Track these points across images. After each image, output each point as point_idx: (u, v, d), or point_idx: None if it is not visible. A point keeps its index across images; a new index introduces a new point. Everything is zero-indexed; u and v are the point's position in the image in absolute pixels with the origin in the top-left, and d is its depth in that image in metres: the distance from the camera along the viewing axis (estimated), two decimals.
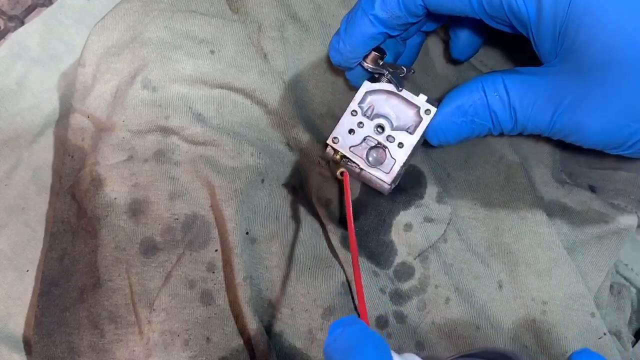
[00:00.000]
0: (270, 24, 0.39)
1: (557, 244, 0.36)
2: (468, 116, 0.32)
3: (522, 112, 0.31)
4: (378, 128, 0.33)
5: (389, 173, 0.33)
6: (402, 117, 0.33)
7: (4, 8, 0.46)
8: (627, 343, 0.37)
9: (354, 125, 0.33)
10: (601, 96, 0.28)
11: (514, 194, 0.38)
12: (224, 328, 0.34)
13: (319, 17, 0.39)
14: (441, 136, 0.33)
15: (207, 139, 0.36)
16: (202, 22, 0.38)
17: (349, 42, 0.32)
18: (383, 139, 0.33)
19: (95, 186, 0.36)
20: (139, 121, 0.36)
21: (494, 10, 0.29)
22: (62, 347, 0.34)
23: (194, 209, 0.36)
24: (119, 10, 0.38)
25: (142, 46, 0.37)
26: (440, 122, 0.32)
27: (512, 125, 0.32)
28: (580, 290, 0.36)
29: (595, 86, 0.28)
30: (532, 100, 0.30)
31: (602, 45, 0.27)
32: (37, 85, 0.43)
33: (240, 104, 0.38)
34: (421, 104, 0.33)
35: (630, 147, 0.30)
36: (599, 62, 0.28)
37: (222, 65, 0.37)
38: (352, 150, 0.33)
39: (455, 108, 0.32)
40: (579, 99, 0.29)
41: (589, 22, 0.27)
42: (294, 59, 0.39)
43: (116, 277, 0.35)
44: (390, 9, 0.30)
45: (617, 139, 0.30)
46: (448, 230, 0.37)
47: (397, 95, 0.33)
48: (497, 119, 0.32)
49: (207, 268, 0.35)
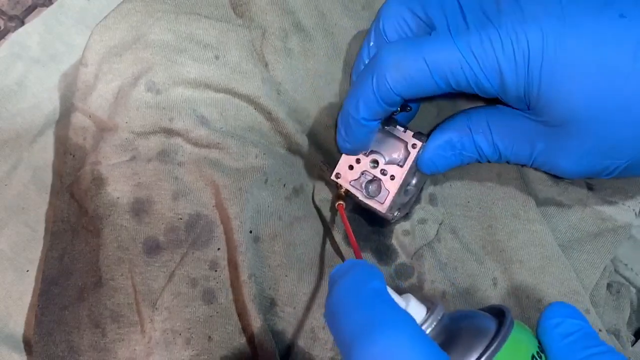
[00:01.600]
0: (274, 32, 0.39)
1: (550, 241, 0.37)
2: (456, 150, 0.35)
3: (504, 149, 0.34)
4: (373, 163, 0.36)
5: (383, 203, 0.35)
6: (393, 152, 0.36)
7: (4, 8, 0.46)
8: (626, 342, 0.37)
9: (352, 162, 0.36)
10: (570, 144, 0.31)
11: (507, 191, 0.38)
12: (226, 327, 0.34)
13: (323, 25, 0.39)
14: (432, 167, 0.36)
15: (211, 142, 0.36)
16: (207, 25, 0.38)
17: (355, 141, 0.35)
18: (377, 173, 0.36)
19: (97, 185, 0.36)
20: (143, 123, 0.36)
21: (463, 88, 0.32)
22: (62, 346, 0.35)
23: (197, 208, 0.36)
24: (121, 10, 0.38)
25: (146, 48, 0.37)
26: (431, 155, 0.35)
27: (497, 157, 0.35)
28: (574, 287, 0.36)
29: (563, 137, 0.31)
30: (511, 140, 0.33)
31: (560, 104, 0.30)
32: (37, 85, 0.43)
33: (243, 109, 0.38)
34: (408, 139, 0.35)
35: (609, 174, 0.33)
36: (563, 118, 0.30)
37: (226, 71, 0.37)
38: (352, 184, 0.36)
39: (444, 142, 0.35)
40: (552, 145, 0.32)
41: (545, 87, 0.30)
42: (299, 70, 0.39)
43: (118, 276, 0.35)
44: (373, 109, 0.33)
45: (593, 173, 0.33)
46: (441, 230, 0.38)
47: (388, 133, 0.36)
48: (483, 153, 0.35)
49: (209, 266, 0.35)
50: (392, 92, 0.32)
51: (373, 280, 0.23)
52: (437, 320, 0.25)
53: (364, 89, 0.33)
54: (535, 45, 0.29)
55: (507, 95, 0.31)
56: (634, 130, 0.29)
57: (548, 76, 0.30)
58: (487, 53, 0.30)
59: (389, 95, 0.32)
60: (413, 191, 0.38)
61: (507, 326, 0.24)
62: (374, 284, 0.23)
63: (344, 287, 0.23)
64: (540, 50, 0.29)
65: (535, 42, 0.29)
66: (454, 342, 0.24)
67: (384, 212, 0.35)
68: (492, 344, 0.23)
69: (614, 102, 0.29)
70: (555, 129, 0.31)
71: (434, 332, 0.25)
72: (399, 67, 0.31)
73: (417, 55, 0.31)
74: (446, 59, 0.31)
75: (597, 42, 0.29)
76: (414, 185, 0.37)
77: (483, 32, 0.30)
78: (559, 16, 0.29)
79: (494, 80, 0.31)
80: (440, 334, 0.25)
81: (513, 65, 0.30)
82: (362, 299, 0.22)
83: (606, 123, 0.30)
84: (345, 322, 0.22)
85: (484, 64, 0.30)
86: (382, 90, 0.32)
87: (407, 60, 0.31)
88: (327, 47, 0.39)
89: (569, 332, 0.25)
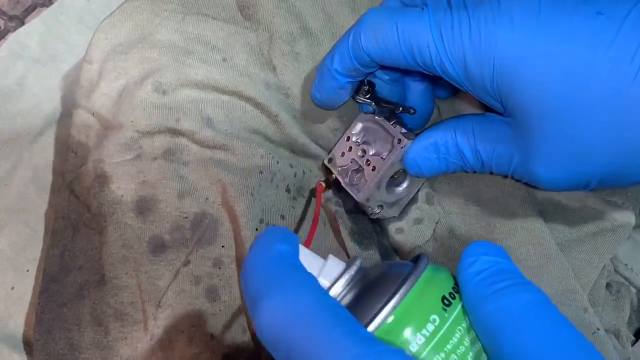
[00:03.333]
0: (282, 36, 0.39)
1: (548, 240, 0.37)
2: (441, 154, 0.34)
3: (485, 156, 0.33)
4: (362, 152, 0.36)
5: (359, 192, 0.36)
6: (381, 144, 0.36)
7: (4, 8, 0.46)
8: (626, 342, 0.38)
9: (345, 149, 0.37)
10: (544, 148, 0.30)
11: (504, 189, 0.38)
12: (229, 324, 0.34)
13: (330, 28, 0.39)
14: (416, 168, 0.35)
15: (217, 143, 0.36)
16: (214, 27, 0.38)
17: (324, 92, 0.36)
18: (362, 162, 0.36)
19: (101, 183, 0.36)
20: (148, 122, 0.36)
21: (428, 68, 0.32)
22: (62, 343, 0.34)
23: (203, 207, 0.36)
24: (127, 7, 0.38)
25: (153, 48, 0.37)
26: (415, 156, 0.35)
27: (480, 166, 0.34)
28: (572, 285, 0.36)
29: (536, 141, 0.30)
30: (491, 148, 0.32)
31: (530, 106, 0.29)
32: (37, 85, 0.43)
33: (249, 111, 0.38)
34: (395, 134, 0.35)
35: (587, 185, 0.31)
36: (533, 120, 0.30)
37: (233, 74, 0.37)
38: (339, 170, 0.37)
39: (429, 144, 0.34)
40: (527, 152, 0.31)
41: (514, 85, 0.29)
42: (306, 74, 0.39)
43: (123, 274, 0.35)
44: (345, 64, 0.34)
45: (574, 185, 0.31)
46: (437, 229, 0.38)
47: (380, 125, 0.36)
48: (466, 159, 0.34)
49: (213, 264, 0.35)
50: (363, 50, 0.32)
51: (280, 243, 0.23)
52: (350, 275, 0.24)
53: (341, 43, 0.34)
54: (503, 38, 0.29)
55: (474, 87, 0.31)
56: (605, 132, 0.28)
57: (516, 72, 0.29)
58: (454, 38, 0.30)
59: (360, 53, 0.33)
60: (402, 193, 0.38)
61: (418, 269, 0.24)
62: (279, 247, 0.23)
63: (253, 251, 0.24)
64: (508, 45, 0.29)
65: (503, 35, 0.29)
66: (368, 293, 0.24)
67: (360, 200, 0.36)
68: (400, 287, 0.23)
69: (583, 101, 0.28)
70: (529, 133, 0.30)
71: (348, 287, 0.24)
72: (375, 29, 0.32)
73: (392, 21, 0.31)
74: (415, 33, 0.31)
75: (571, 39, 0.28)
76: (404, 187, 0.37)
77: (455, 16, 0.30)
78: (534, 10, 0.29)
79: (457, 67, 0.30)
80: (354, 288, 0.24)
81: (478, 57, 0.29)
82: (267, 261, 0.23)
83: (577, 124, 0.29)
84: (251, 282, 0.22)
85: (449, 48, 0.30)
86: (355, 46, 0.33)
87: (382, 24, 0.32)
88: None
89: (481, 270, 0.23)
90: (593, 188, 0.31)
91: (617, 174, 0.30)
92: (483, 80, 0.30)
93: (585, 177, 0.30)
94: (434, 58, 0.31)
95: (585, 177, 0.30)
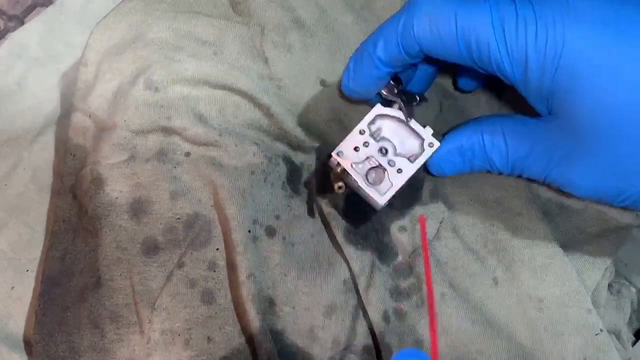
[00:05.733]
0: (274, 28, 0.38)
1: (552, 241, 0.37)
2: (466, 157, 0.34)
3: (517, 161, 0.32)
4: (382, 150, 0.35)
5: (383, 195, 0.34)
6: (406, 145, 0.35)
7: (4, 8, 0.46)
8: (626, 342, 0.37)
9: (359, 144, 0.34)
10: (588, 158, 0.29)
11: (509, 190, 0.38)
12: (225, 327, 0.34)
13: (324, 21, 0.39)
14: (439, 170, 0.35)
15: (210, 140, 0.36)
16: (206, 23, 0.38)
17: (359, 81, 0.34)
18: (384, 162, 0.34)
19: (96, 185, 0.36)
20: (141, 121, 0.37)
21: (484, 65, 0.30)
22: (63, 346, 0.35)
23: (195, 208, 0.36)
24: (121, 9, 0.38)
25: (145, 47, 0.37)
26: (440, 159, 0.34)
27: (509, 171, 0.33)
28: (576, 287, 0.36)
29: (582, 149, 0.29)
30: (526, 151, 0.31)
31: (587, 113, 0.28)
32: (37, 85, 0.43)
33: (242, 106, 0.38)
34: (426, 136, 0.34)
35: (621, 202, 0.31)
36: (585, 128, 0.29)
37: (224, 67, 0.37)
38: (353, 166, 0.34)
39: (454, 148, 0.34)
40: (569, 158, 0.30)
41: (574, 91, 0.28)
42: (300, 65, 0.39)
43: (117, 276, 0.35)
44: (391, 52, 0.32)
45: (606, 197, 0.31)
46: (442, 228, 0.38)
47: (405, 124, 0.34)
48: (495, 165, 0.33)
49: (208, 267, 0.35)
50: (414, 39, 0.30)
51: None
52: None
53: (389, 28, 0.31)
54: (571, 44, 0.27)
55: (528, 88, 0.30)
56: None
57: (579, 79, 0.28)
58: (518, 38, 0.28)
59: (410, 42, 0.31)
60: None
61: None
62: None
63: None
64: (575, 51, 0.27)
65: (572, 42, 0.27)
66: None
67: (382, 204, 0.34)
68: None
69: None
70: (576, 140, 0.29)
71: None
72: (430, 17, 0.30)
73: (450, 10, 0.29)
74: (475, 27, 0.29)
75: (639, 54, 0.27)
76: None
77: (520, 13, 0.28)
78: (604, 19, 0.27)
79: (517, 67, 0.29)
80: None
81: (542, 59, 0.28)
82: None
83: (631, 141, 0.28)
84: None
85: (512, 48, 0.28)
86: (406, 34, 0.30)
87: (439, 13, 0.29)
88: (328, 42, 0.39)
89: None
90: (626, 205, 0.31)
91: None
92: (541, 83, 0.29)
93: (624, 194, 0.30)
94: (493, 56, 0.29)
95: (624, 194, 0.30)
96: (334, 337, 0.35)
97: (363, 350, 0.35)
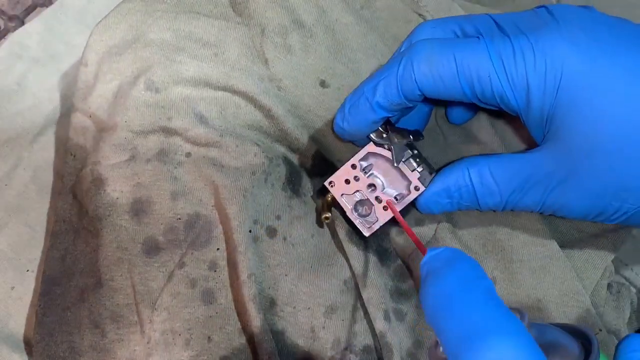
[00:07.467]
0: (274, 29, 0.38)
1: (551, 241, 0.37)
2: (454, 199, 0.34)
3: (511, 197, 0.32)
4: (371, 186, 0.35)
5: (369, 228, 0.35)
6: (394, 184, 0.35)
7: (4, 8, 0.46)
8: None
9: (350, 177, 0.35)
10: (585, 180, 0.30)
11: None
12: (226, 327, 0.34)
13: (324, 21, 0.39)
14: (427, 210, 0.35)
15: (210, 141, 0.36)
16: (206, 24, 0.38)
17: (353, 123, 0.34)
18: (372, 197, 0.35)
19: (97, 185, 0.36)
20: (141, 122, 0.37)
21: (487, 99, 0.31)
22: (64, 346, 0.35)
23: (196, 208, 0.36)
24: (121, 9, 0.38)
25: (145, 47, 0.37)
26: (427, 200, 0.34)
27: (502, 207, 0.33)
28: (574, 286, 0.36)
29: (580, 170, 0.30)
30: (519, 186, 0.32)
31: (586, 132, 0.29)
32: (37, 85, 0.43)
33: (242, 107, 0.38)
34: (413, 180, 0.35)
35: (615, 219, 0.31)
36: (583, 146, 0.29)
37: (225, 68, 0.37)
38: (343, 196, 0.35)
39: (442, 190, 0.34)
40: (565, 182, 0.30)
41: (572, 113, 0.29)
42: (300, 65, 0.39)
43: (118, 276, 0.35)
44: (391, 98, 0.32)
45: (600, 215, 0.31)
46: (439, 230, 0.38)
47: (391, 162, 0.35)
48: (486, 204, 0.33)
49: (208, 267, 0.35)
50: (416, 84, 0.31)
51: (484, 278, 0.22)
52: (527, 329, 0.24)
53: (388, 73, 0.32)
54: (570, 67, 0.28)
55: (529, 116, 0.30)
56: None
57: (578, 101, 0.28)
58: (517, 67, 0.29)
59: (411, 87, 0.31)
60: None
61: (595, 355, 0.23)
62: (485, 283, 0.22)
63: (451, 283, 0.22)
64: (574, 73, 0.28)
65: (570, 65, 0.28)
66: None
67: (367, 235, 0.35)
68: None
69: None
70: (571, 161, 0.30)
71: None
72: (430, 61, 0.30)
73: (448, 52, 0.30)
74: (474, 63, 0.30)
75: (635, 74, 0.28)
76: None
77: (516, 43, 0.29)
78: (598, 41, 0.28)
79: (519, 96, 0.30)
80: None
81: (542, 84, 0.29)
82: (474, 300, 0.21)
83: (630, 160, 0.28)
84: (456, 323, 0.21)
85: (512, 77, 0.29)
86: (406, 79, 0.31)
87: (438, 56, 0.30)
88: (329, 42, 0.39)
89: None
90: (618, 222, 0.31)
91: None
92: (542, 107, 0.29)
93: (619, 211, 0.30)
94: (495, 88, 0.30)
95: (619, 211, 0.30)
96: (335, 337, 0.35)
97: (363, 350, 0.35)
